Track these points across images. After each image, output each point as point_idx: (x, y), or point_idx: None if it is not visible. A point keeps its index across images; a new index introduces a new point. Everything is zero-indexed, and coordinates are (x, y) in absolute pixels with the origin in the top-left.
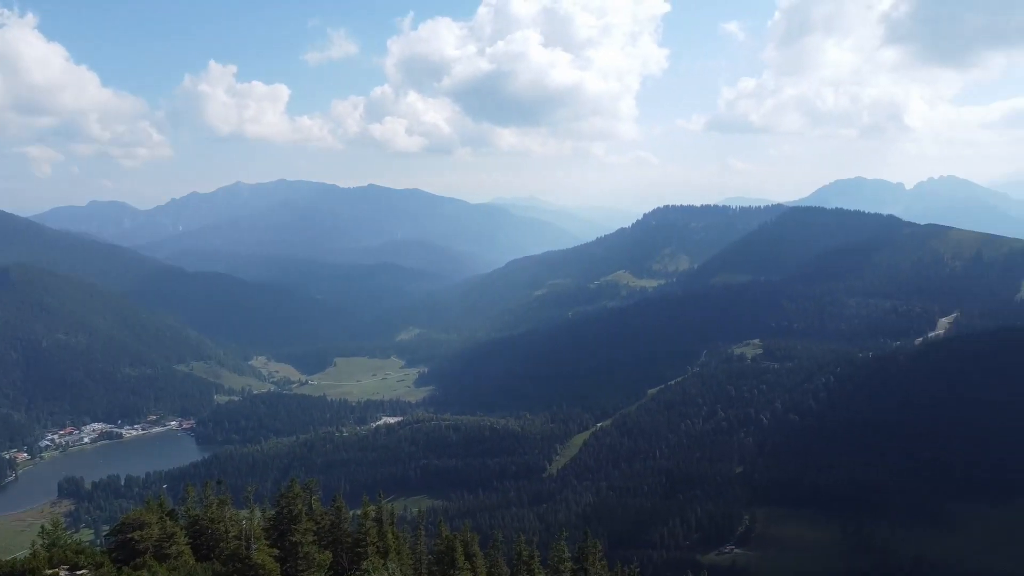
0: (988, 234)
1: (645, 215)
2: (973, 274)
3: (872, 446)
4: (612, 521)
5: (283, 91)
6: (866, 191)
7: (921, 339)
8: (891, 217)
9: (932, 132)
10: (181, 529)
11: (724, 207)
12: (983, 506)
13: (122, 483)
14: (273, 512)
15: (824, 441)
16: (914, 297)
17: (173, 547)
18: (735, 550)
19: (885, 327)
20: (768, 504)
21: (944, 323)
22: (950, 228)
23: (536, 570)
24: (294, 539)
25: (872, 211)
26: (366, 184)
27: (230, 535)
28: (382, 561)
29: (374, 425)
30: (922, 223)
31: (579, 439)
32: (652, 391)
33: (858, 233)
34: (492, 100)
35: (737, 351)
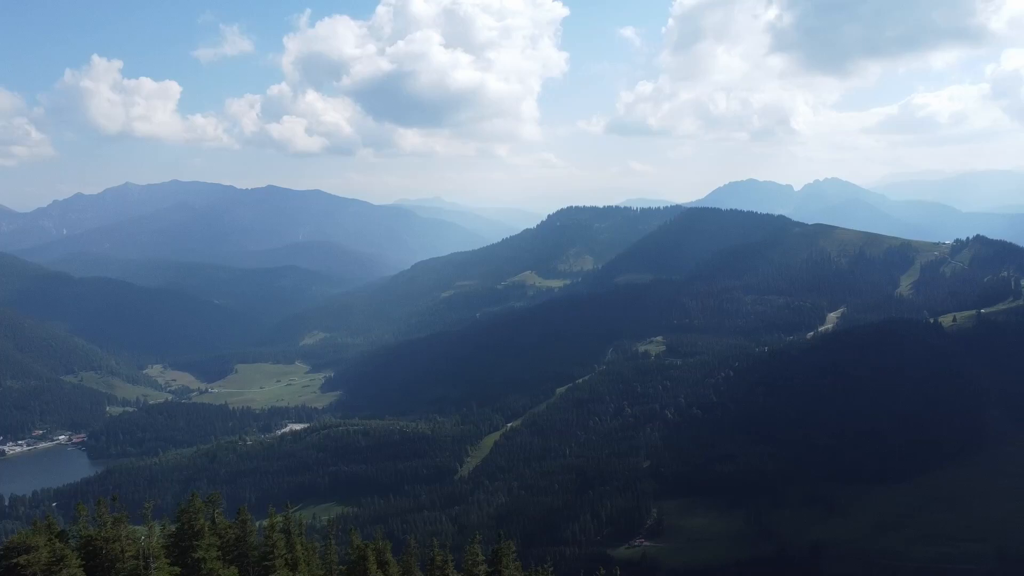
0: (870, 233)
1: (550, 216)
2: (857, 271)
3: (770, 436)
4: (525, 520)
5: (174, 88)
6: (758, 192)
7: (812, 333)
8: (782, 217)
9: (817, 136)
10: (73, 551)
11: (626, 208)
12: (872, 490)
13: (6, 503)
14: (174, 528)
15: (726, 433)
16: (805, 293)
17: (64, 571)
18: (645, 543)
19: (779, 322)
20: (675, 496)
21: (832, 317)
22: (836, 228)
23: (450, 575)
24: (197, 555)
25: (764, 211)
26: (265, 185)
27: (127, 555)
28: (291, 574)
29: (280, 432)
30: (810, 223)
31: (490, 440)
32: (561, 390)
33: (752, 233)
34: (394, 100)
35: (642, 348)
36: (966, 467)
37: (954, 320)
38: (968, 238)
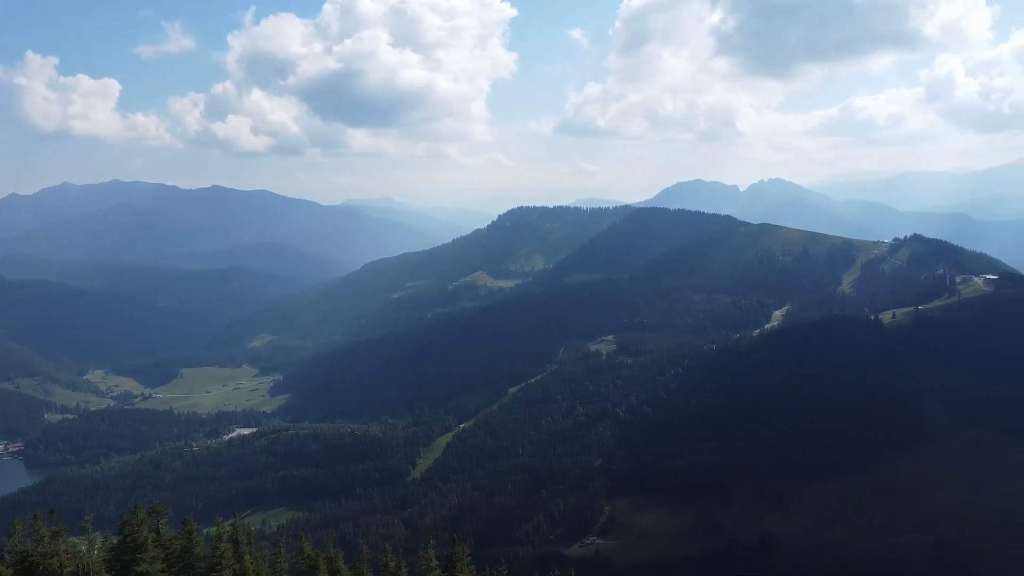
0: (813, 232)
1: (501, 216)
2: (801, 269)
3: (719, 433)
4: (478, 520)
5: (113, 86)
6: (705, 192)
7: (759, 330)
8: (728, 217)
9: (761, 137)
10: (7, 568)
11: (576, 208)
12: (817, 483)
13: None
14: (116, 540)
15: (676, 430)
16: (751, 291)
17: None
18: (598, 541)
19: (727, 320)
20: (627, 494)
21: (778, 315)
22: (780, 227)
23: None
24: (140, 569)
25: (711, 211)
26: (210, 185)
27: (66, 570)
28: None
29: (227, 437)
30: (755, 223)
31: (442, 441)
32: (513, 390)
33: (700, 232)
34: (342, 99)
35: (593, 347)
36: (907, 460)
37: (893, 317)
38: (906, 237)
